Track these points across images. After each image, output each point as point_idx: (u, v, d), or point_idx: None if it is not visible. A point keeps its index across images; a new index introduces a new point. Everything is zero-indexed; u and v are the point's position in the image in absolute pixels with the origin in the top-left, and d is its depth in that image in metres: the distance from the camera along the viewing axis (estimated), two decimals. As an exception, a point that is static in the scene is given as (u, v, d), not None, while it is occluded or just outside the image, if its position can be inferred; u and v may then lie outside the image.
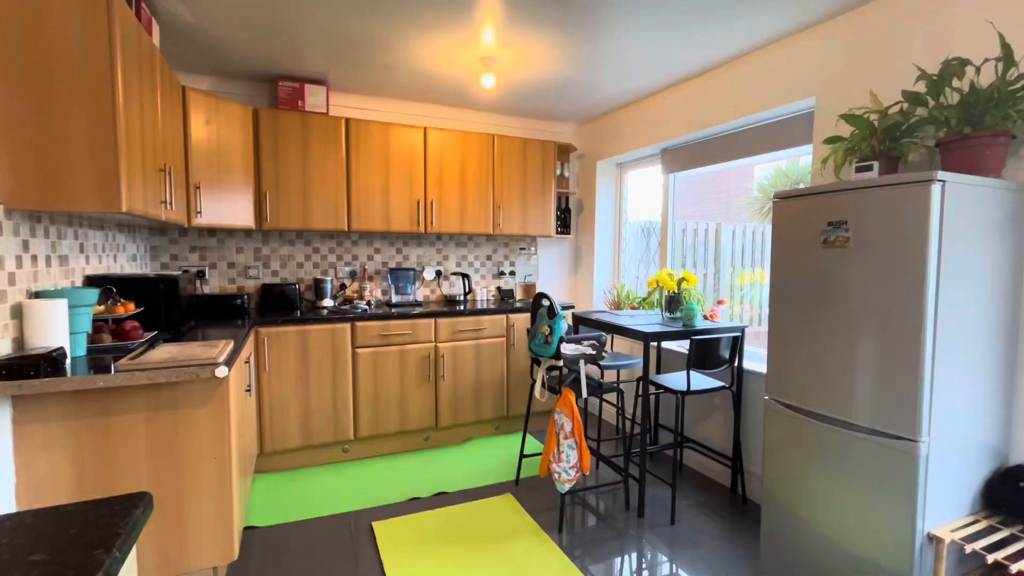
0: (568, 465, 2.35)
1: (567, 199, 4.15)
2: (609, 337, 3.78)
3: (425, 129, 3.42)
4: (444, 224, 3.52)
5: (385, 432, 3.18)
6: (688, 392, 2.48)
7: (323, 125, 3.15)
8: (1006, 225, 1.61)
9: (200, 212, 2.72)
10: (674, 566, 2.15)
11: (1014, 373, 1.71)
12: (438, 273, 3.82)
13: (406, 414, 3.22)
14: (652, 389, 3.27)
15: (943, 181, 1.45)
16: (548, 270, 4.29)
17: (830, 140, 2.04)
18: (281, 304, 3.23)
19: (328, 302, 3.31)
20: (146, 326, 2.19)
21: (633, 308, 3.43)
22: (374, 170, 3.30)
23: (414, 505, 2.60)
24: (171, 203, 2.24)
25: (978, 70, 1.66)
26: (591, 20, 2.32)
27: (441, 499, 2.66)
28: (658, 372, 3.29)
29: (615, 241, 4.14)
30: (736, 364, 2.65)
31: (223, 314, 3.03)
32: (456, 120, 3.85)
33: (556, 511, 2.55)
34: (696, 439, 3.09)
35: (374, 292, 3.67)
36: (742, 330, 2.65)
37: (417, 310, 3.28)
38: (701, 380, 2.66)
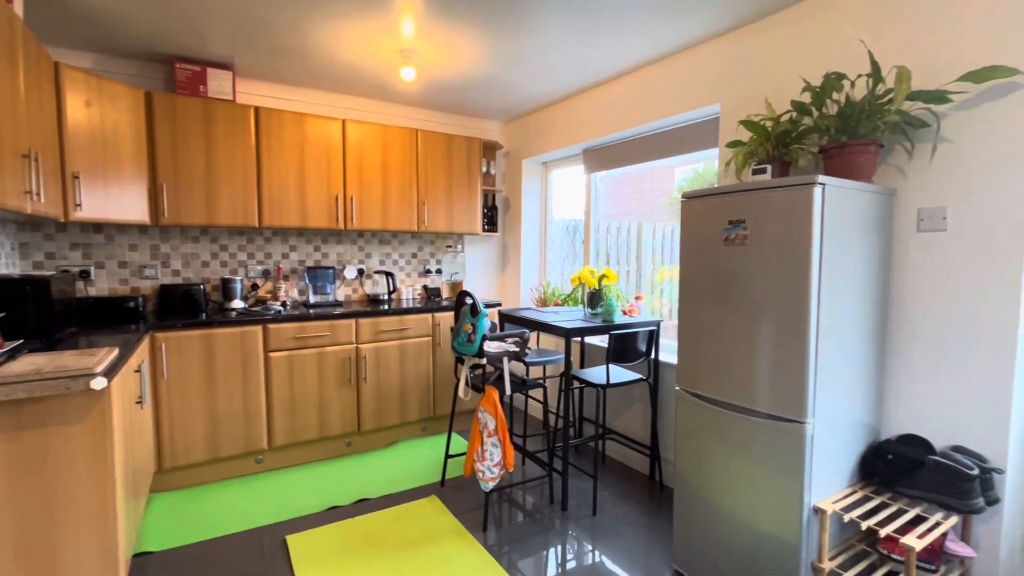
0: (492, 463, 2.35)
1: (494, 197, 4.15)
2: (535, 334, 3.83)
3: (344, 121, 3.28)
4: (366, 221, 3.39)
5: (304, 439, 3.01)
6: (608, 385, 2.55)
7: (229, 113, 2.92)
8: (875, 224, 1.80)
9: (80, 205, 2.43)
10: (595, 555, 2.21)
11: (883, 357, 1.91)
12: (360, 272, 3.68)
13: (326, 419, 3.07)
14: (574, 384, 3.36)
15: (823, 184, 1.59)
16: (475, 268, 4.27)
17: (732, 144, 2.17)
18: (184, 306, 2.97)
19: (238, 303, 3.08)
20: (9, 334, 1.92)
21: (557, 305, 3.49)
22: (288, 163, 3.12)
23: (333, 515, 2.49)
24: (39, 194, 1.97)
25: (853, 84, 1.84)
26: (513, 18, 2.32)
27: (362, 506, 2.57)
28: (582, 367, 3.37)
29: (541, 239, 4.20)
30: (653, 357, 2.77)
31: (114, 318, 2.74)
32: (377, 113, 3.72)
33: (481, 510, 2.54)
34: (618, 430, 3.20)
35: (290, 292, 3.47)
36: (658, 324, 2.77)
37: (337, 310, 3.13)
38: (621, 373, 2.75)
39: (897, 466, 1.72)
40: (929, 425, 1.82)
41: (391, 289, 3.63)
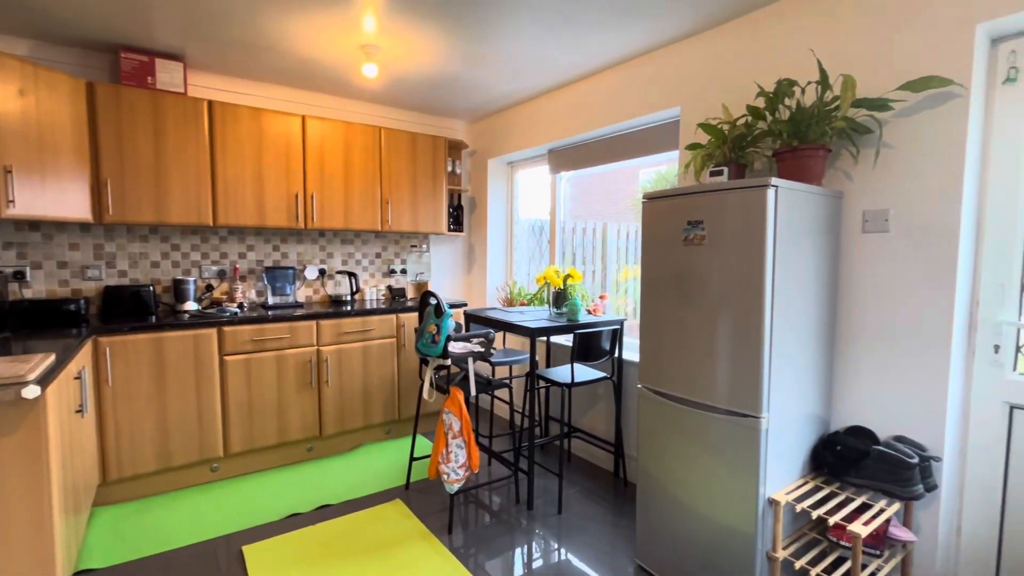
0: (457, 465, 2.33)
1: (459, 196, 4.12)
2: (501, 334, 3.82)
3: (304, 117, 3.18)
4: (327, 220, 3.31)
5: (262, 445, 2.91)
6: (572, 384, 2.57)
7: (180, 106, 2.79)
8: (824, 225, 1.87)
9: (13, 201, 2.27)
10: (561, 553, 2.22)
11: (832, 352, 2.00)
12: (322, 272, 3.59)
13: (286, 424, 2.98)
14: (539, 383, 3.37)
15: (776, 186, 1.64)
16: (441, 268, 4.24)
17: (691, 146, 2.23)
18: (132, 309, 2.82)
19: (191, 305, 2.95)
20: (-69, 340, 1.77)
21: (523, 304, 3.50)
22: (244, 159, 3.01)
23: (293, 522, 2.41)
24: (-34, 189, 1.83)
25: (803, 91, 1.91)
26: (477, 18, 2.31)
27: (324, 512, 2.50)
28: (547, 366, 3.39)
29: (507, 239, 4.20)
30: (617, 355, 2.81)
31: (52, 322, 2.58)
32: (339, 110, 3.64)
33: (446, 512, 2.51)
34: (583, 428, 3.24)
35: (247, 293, 3.35)
36: (621, 323, 2.81)
37: (298, 312, 3.04)
38: (585, 372, 2.78)
39: (845, 457, 1.79)
40: (874, 417, 1.91)
41: (354, 290, 3.56)
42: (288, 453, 3.05)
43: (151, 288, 2.88)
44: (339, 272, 3.60)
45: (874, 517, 1.63)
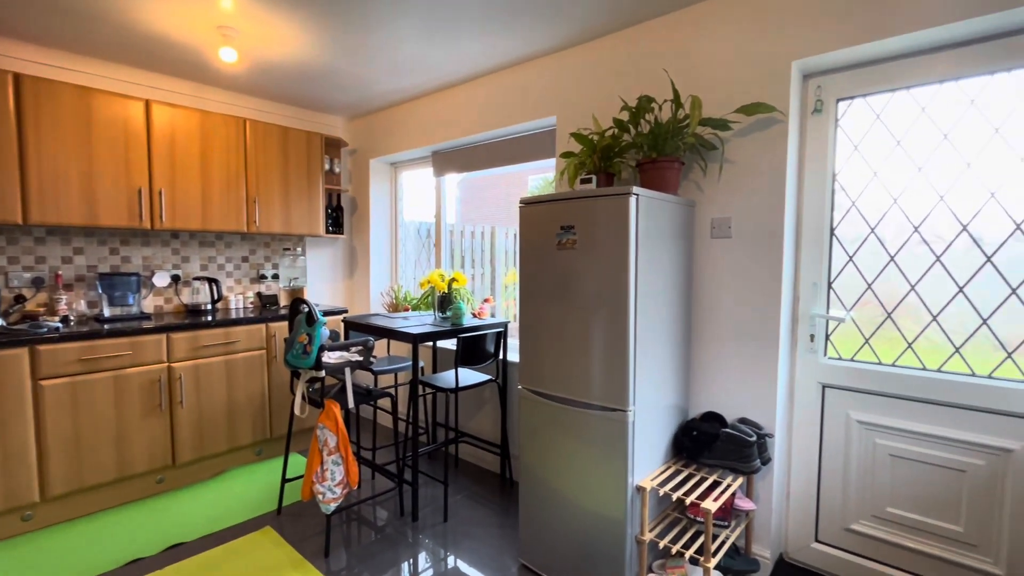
0: (334, 483, 2.18)
1: (339, 197, 3.90)
2: (384, 341, 3.68)
3: (148, 102, 2.79)
4: (181, 219, 2.93)
5: (95, 483, 2.48)
6: (457, 389, 2.55)
7: (-27, 78, 2.29)
8: (680, 231, 2.06)
9: None
10: (447, 563, 2.17)
11: (689, 345, 2.21)
12: (175, 278, 3.17)
13: (128, 455, 2.57)
14: (424, 389, 3.31)
15: (637, 194, 1.77)
16: (319, 272, 3.97)
17: (565, 155, 2.32)
18: (-100, 328, 2.24)
19: (-7, 321, 2.43)
20: None
21: (407, 310, 3.40)
22: (68, 146, 2.55)
23: (137, 569, 2.08)
24: None
25: (660, 107, 2.09)
26: (346, 9, 2.19)
27: (176, 553, 2.19)
28: (434, 372, 3.33)
29: (392, 242, 4.06)
30: (502, 358, 2.84)
31: None
32: (194, 96, 3.25)
33: (323, 535, 2.34)
34: (471, 432, 3.23)
35: (75, 305, 2.84)
36: (505, 325, 2.85)
37: (144, 324, 2.65)
38: (470, 376, 2.77)
39: (700, 441, 1.99)
40: (724, 402, 2.14)
41: (215, 298, 3.19)
42: (132, 488, 2.63)
43: (-67, 301, 2.32)
44: (197, 278, 3.21)
45: (723, 493, 1.82)
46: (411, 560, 2.19)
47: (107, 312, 2.82)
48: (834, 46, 1.82)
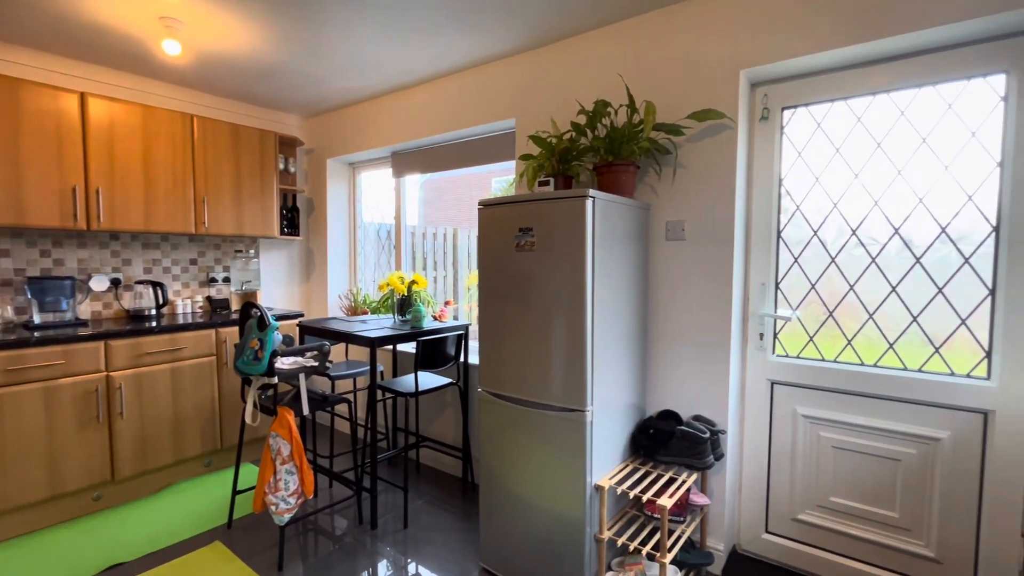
0: (287, 493, 2.10)
1: (294, 197, 3.78)
2: (342, 345, 3.59)
3: (83, 95, 2.62)
4: (120, 220, 2.77)
5: (20, 503, 2.30)
6: (417, 393, 2.51)
7: None
8: (636, 233, 2.11)
9: None
10: (407, 570, 2.14)
11: (646, 345, 2.25)
12: (115, 282, 2.99)
13: (60, 472, 2.40)
14: (383, 394, 3.24)
15: (593, 197, 1.79)
16: (274, 276, 3.84)
17: (524, 157, 2.33)
18: None
19: (-97, 330, 2.22)
20: None
21: (364, 313, 3.33)
22: (-9, 141, 2.37)
23: (68, 593, 1.95)
24: None
25: (616, 112, 2.12)
26: (300, 4, 2.13)
27: (114, 574, 2.06)
28: (395, 376, 3.27)
29: (350, 244, 3.97)
30: (462, 360, 2.82)
31: None
32: (136, 90, 3.08)
33: (276, 548, 2.26)
34: (432, 436, 3.19)
35: (1, 311, 2.63)
36: (466, 328, 2.83)
37: (80, 331, 2.48)
38: (431, 379, 2.74)
39: (656, 439, 2.03)
40: (680, 400, 2.19)
41: (160, 302, 3.03)
42: (66, 507, 2.46)
43: None
44: (140, 282, 3.04)
45: (678, 489, 1.87)
46: (370, 569, 2.14)
47: (37, 319, 2.63)
48: (778, 57, 1.90)
